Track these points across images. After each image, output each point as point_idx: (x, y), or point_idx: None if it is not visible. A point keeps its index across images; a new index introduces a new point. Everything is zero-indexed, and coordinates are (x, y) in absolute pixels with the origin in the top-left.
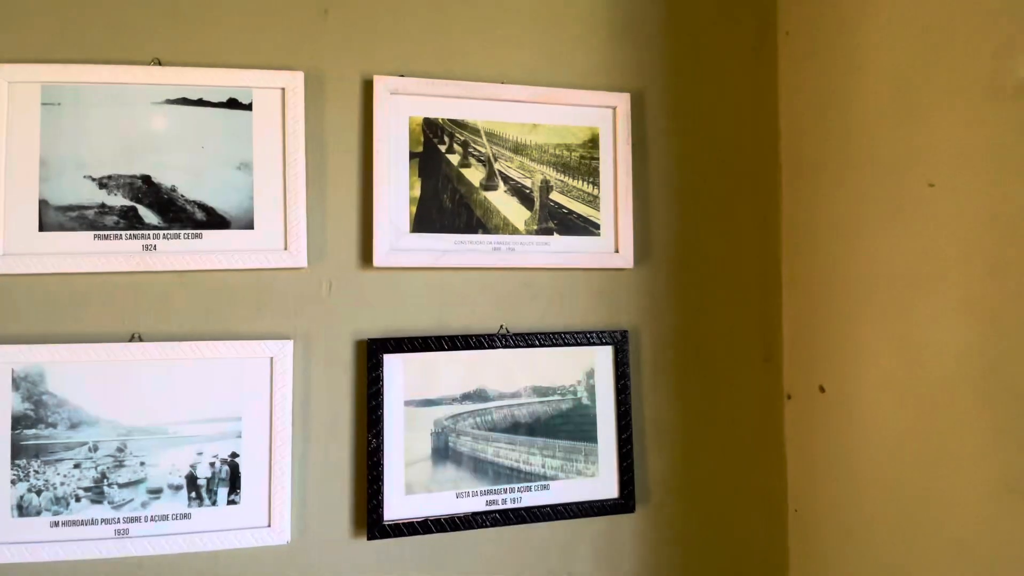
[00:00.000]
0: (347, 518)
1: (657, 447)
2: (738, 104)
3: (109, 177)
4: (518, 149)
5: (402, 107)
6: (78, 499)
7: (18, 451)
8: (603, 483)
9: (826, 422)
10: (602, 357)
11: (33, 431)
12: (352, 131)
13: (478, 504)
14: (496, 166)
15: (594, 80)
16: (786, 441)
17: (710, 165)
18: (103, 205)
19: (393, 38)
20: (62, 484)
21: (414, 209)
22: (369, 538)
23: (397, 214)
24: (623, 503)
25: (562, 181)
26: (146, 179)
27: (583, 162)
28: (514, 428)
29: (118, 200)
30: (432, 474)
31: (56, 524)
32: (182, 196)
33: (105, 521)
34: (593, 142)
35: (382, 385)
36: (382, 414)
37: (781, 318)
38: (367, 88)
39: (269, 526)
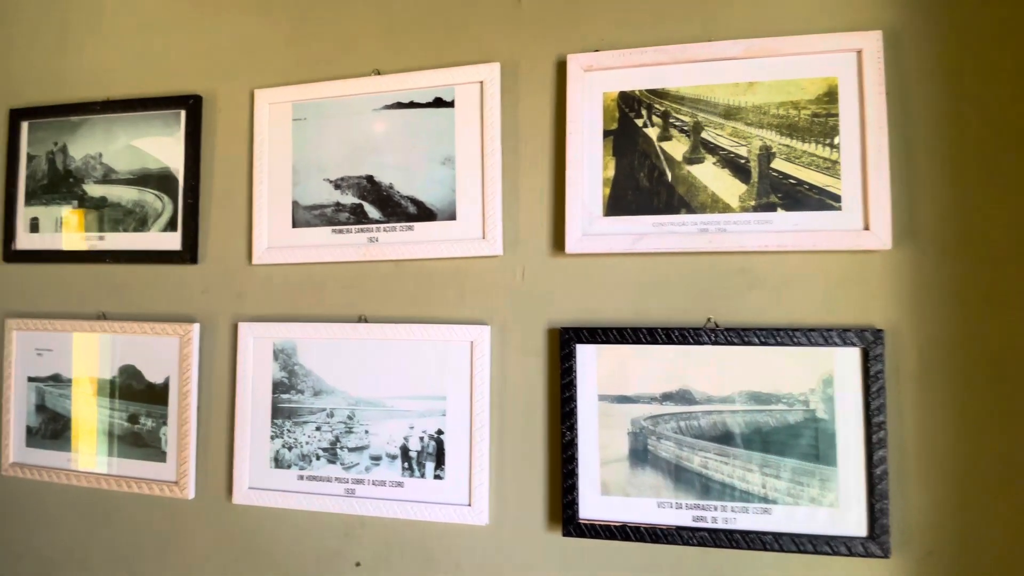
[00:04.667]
0: (542, 509)
1: (925, 480)
2: None
3: (342, 179)
4: (729, 114)
5: (596, 83)
6: (318, 457)
7: (276, 412)
8: (845, 516)
9: None
10: (845, 362)
11: (287, 395)
12: (545, 116)
13: (683, 518)
14: (702, 135)
15: (828, 20)
16: None
17: (1008, 111)
18: (337, 203)
19: (587, 13)
20: (307, 443)
21: (607, 191)
22: (564, 534)
23: (590, 197)
24: (874, 544)
25: (788, 146)
26: (369, 179)
27: (816, 121)
28: (726, 438)
29: (349, 198)
30: (629, 477)
31: (301, 478)
32: (397, 192)
33: (338, 480)
34: (830, 95)
35: (575, 376)
36: (575, 407)
37: None
38: (560, 70)
39: (470, 505)
